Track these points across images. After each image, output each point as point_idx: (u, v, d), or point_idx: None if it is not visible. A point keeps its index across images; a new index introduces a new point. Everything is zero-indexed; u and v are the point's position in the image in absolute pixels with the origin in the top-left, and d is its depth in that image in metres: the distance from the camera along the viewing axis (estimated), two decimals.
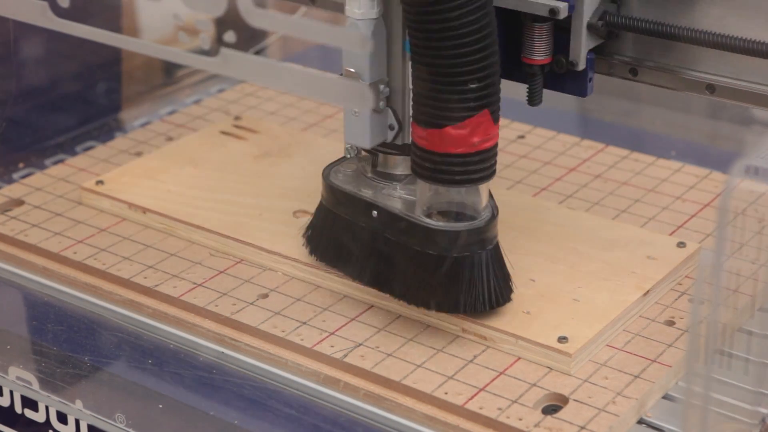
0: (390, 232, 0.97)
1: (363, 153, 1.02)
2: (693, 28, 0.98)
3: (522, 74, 1.03)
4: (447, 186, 0.94)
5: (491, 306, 0.96)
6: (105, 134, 1.34)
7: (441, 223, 0.95)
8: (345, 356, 0.96)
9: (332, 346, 0.97)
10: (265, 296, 1.03)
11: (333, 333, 0.98)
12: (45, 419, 1.02)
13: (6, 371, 1.02)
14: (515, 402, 0.91)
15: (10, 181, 1.23)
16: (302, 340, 0.98)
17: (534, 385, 0.93)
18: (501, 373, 0.94)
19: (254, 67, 0.86)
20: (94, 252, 1.09)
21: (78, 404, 0.99)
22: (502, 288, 0.97)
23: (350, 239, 1.00)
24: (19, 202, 1.17)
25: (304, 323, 1.00)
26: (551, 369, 0.94)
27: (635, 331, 0.99)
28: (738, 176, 0.78)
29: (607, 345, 0.97)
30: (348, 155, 1.04)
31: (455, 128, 0.91)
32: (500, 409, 0.90)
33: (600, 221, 1.11)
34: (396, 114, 0.97)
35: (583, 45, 1.00)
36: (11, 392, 1.03)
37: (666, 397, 0.94)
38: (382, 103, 0.97)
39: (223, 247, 1.09)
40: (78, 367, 1.00)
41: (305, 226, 1.05)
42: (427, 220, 0.95)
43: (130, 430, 0.96)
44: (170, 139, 1.29)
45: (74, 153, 1.30)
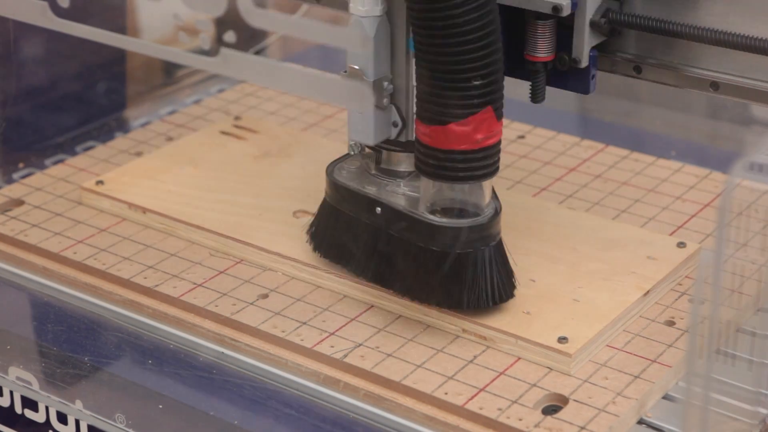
0: (393, 229, 0.97)
1: (367, 150, 1.02)
2: (696, 26, 0.98)
3: (525, 71, 1.03)
4: (450, 183, 0.94)
5: (494, 302, 0.96)
6: (105, 134, 1.34)
7: (444, 220, 0.95)
8: (345, 356, 0.96)
9: (332, 347, 0.97)
10: (265, 296, 1.03)
11: (333, 333, 0.98)
12: (45, 419, 1.02)
13: (6, 371, 1.02)
14: (515, 402, 0.91)
15: (10, 181, 1.23)
16: (302, 340, 0.98)
17: (534, 386, 0.93)
18: (501, 374, 0.94)
19: (254, 67, 0.86)
20: (94, 252, 1.09)
21: (78, 404, 0.99)
22: (506, 284, 0.97)
23: (354, 236, 1.00)
24: (19, 202, 1.17)
25: (304, 323, 1.00)
26: (551, 369, 0.94)
27: (635, 332, 0.99)
28: (738, 176, 0.78)
29: (607, 345, 0.97)
30: (352, 152, 1.04)
31: (459, 125, 0.91)
32: (500, 410, 0.90)
33: (600, 221, 1.11)
34: (400, 111, 0.97)
35: (586, 42, 1.00)
36: (11, 392, 1.03)
37: (666, 397, 0.94)
38: (386, 100, 0.97)
39: (223, 247, 1.09)
40: (78, 367, 1.00)
41: (309, 223, 1.05)
42: (431, 217, 0.95)
43: (130, 430, 0.96)
44: (170, 139, 1.29)
45: (74, 153, 1.30)
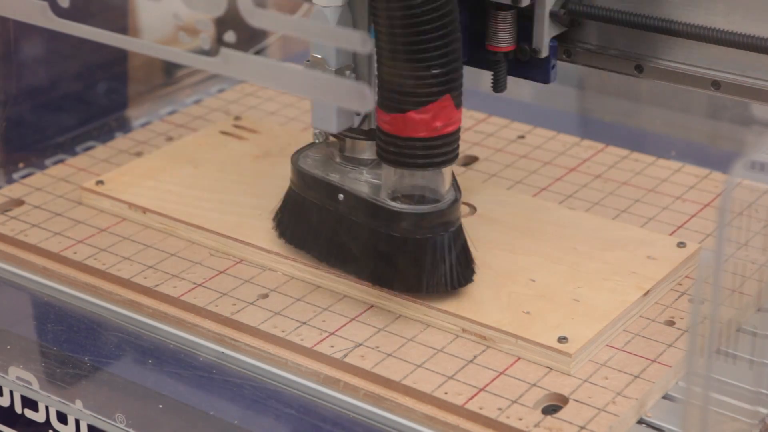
0: (356, 215, 0.99)
1: (331, 138, 1.04)
2: (656, 17, 0.99)
3: (486, 62, 1.05)
4: (410, 169, 0.96)
5: (452, 287, 0.98)
6: (105, 134, 1.34)
7: (405, 206, 0.97)
8: (345, 356, 0.96)
9: (332, 346, 0.97)
10: (265, 296, 1.03)
11: (333, 333, 0.98)
12: (45, 419, 1.02)
13: (6, 371, 1.02)
14: (515, 402, 0.91)
15: (10, 181, 1.23)
16: (302, 340, 0.98)
17: (534, 385, 0.93)
18: (501, 373, 0.94)
19: (254, 67, 0.86)
20: (94, 252, 1.09)
21: (78, 404, 0.99)
22: (465, 270, 0.99)
23: (317, 222, 1.02)
24: (19, 202, 1.17)
25: (304, 323, 1.00)
26: (551, 369, 0.94)
27: (635, 331, 0.99)
28: (738, 176, 0.78)
29: (607, 345, 0.97)
30: (316, 140, 1.05)
31: (418, 113, 0.93)
32: (500, 409, 0.90)
33: (600, 221, 1.11)
34: None
35: (546, 33, 1.03)
36: (11, 392, 1.03)
37: (666, 397, 0.94)
38: None
39: (223, 247, 1.08)
40: (78, 367, 1.00)
41: (275, 210, 1.07)
42: (392, 203, 0.97)
43: (130, 430, 0.96)
44: (170, 139, 1.29)
45: (74, 153, 1.30)
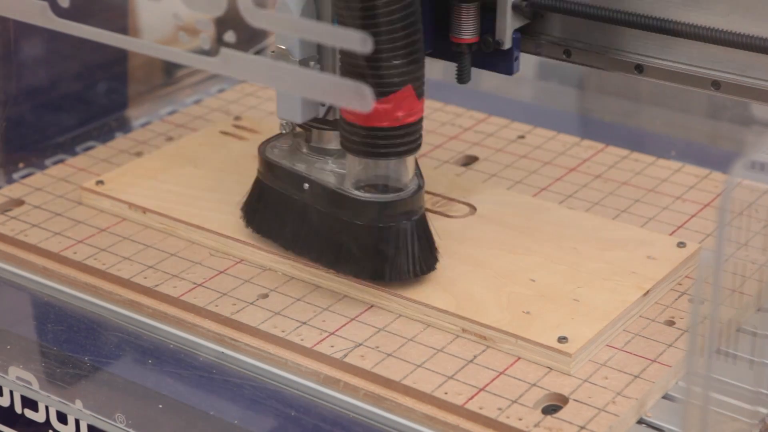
0: (320, 204, 1.00)
1: (298, 129, 1.05)
2: (617, 9, 1.00)
3: (451, 53, 1.06)
4: (373, 159, 0.98)
5: (415, 275, 0.99)
6: (105, 134, 1.34)
7: (368, 195, 0.98)
8: (345, 356, 0.96)
9: (332, 346, 0.97)
10: (265, 296, 1.03)
11: (333, 333, 0.98)
12: (45, 419, 1.02)
13: (6, 371, 1.02)
14: (515, 402, 0.91)
15: (10, 181, 1.23)
16: (302, 340, 0.98)
17: (534, 385, 0.93)
18: (501, 373, 0.94)
19: (254, 67, 0.86)
20: (94, 252, 1.09)
21: (78, 404, 0.99)
22: (428, 257, 1.00)
23: (284, 211, 1.03)
24: (19, 202, 1.17)
25: (304, 323, 1.00)
26: (551, 369, 0.94)
27: (635, 331, 0.99)
28: (738, 176, 0.78)
29: (607, 345, 0.97)
30: (283, 131, 1.06)
31: (380, 103, 0.94)
32: (500, 409, 0.90)
33: (600, 221, 1.11)
34: None
35: (509, 25, 1.04)
36: (11, 392, 1.03)
37: (666, 397, 0.94)
38: None
39: (223, 247, 1.08)
40: (78, 367, 1.00)
41: (243, 200, 1.08)
42: (355, 192, 0.99)
43: (130, 430, 0.96)
44: (170, 139, 1.29)
45: (74, 153, 1.30)
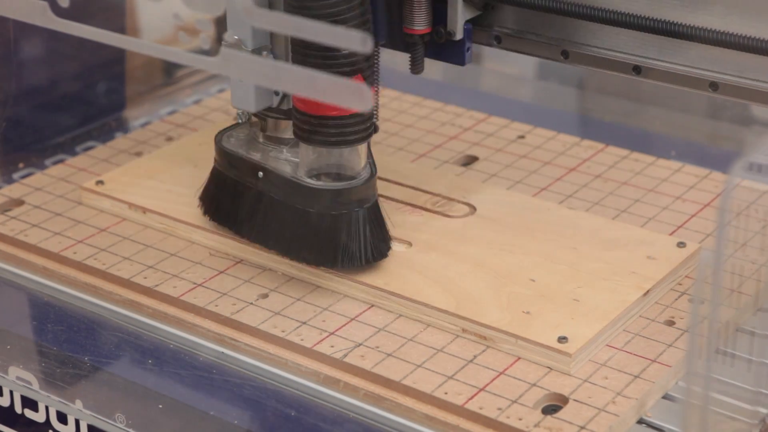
0: (275, 192, 1.01)
1: (254, 119, 1.06)
2: (568, 1, 1.01)
3: (404, 44, 1.07)
4: (324, 147, 0.99)
5: (367, 261, 1.01)
6: (105, 134, 1.34)
7: (320, 183, 1.00)
8: (345, 356, 0.96)
9: (332, 346, 0.97)
10: (265, 296, 1.03)
11: (333, 333, 0.98)
12: (45, 419, 1.02)
13: (6, 371, 1.02)
14: (515, 402, 0.91)
15: (10, 181, 1.23)
16: (302, 340, 0.98)
17: (534, 385, 0.93)
18: (501, 373, 0.94)
19: (254, 67, 0.86)
20: (94, 252, 1.09)
21: (78, 404, 0.99)
22: (380, 245, 1.01)
23: (239, 200, 1.05)
24: (19, 202, 1.17)
25: (304, 323, 1.00)
26: (551, 369, 0.94)
27: (635, 331, 0.99)
28: (738, 176, 0.78)
29: (607, 345, 0.97)
30: (239, 120, 1.07)
31: None
32: (500, 409, 0.90)
33: (600, 221, 1.11)
34: None
35: (460, 16, 1.05)
36: (11, 392, 1.03)
37: (666, 397, 0.94)
38: None
39: (223, 247, 1.08)
40: (78, 367, 1.00)
41: (200, 189, 1.09)
42: (308, 180, 1.00)
43: (130, 430, 0.96)
44: (170, 139, 1.29)
45: (74, 153, 1.30)
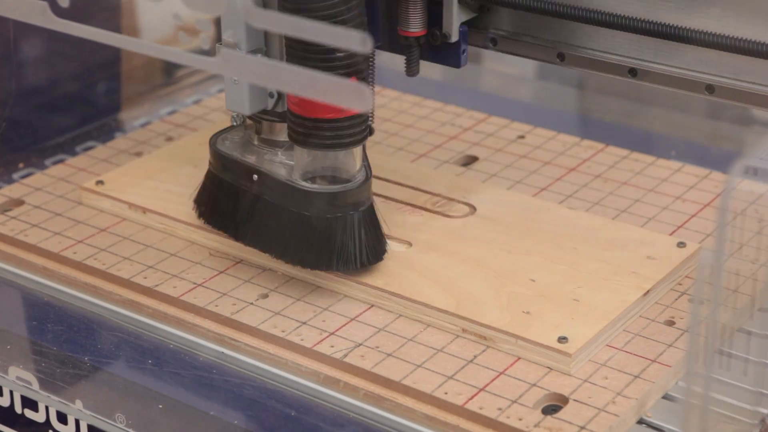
0: (269, 195, 1.01)
1: (249, 121, 1.06)
2: (563, 3, 1.01)
3: (399, 46, 1.07)
4: (318, 150, 0.99)
5: (362, 265, 1.00)
6: (105, 134, 1.34)
7: (315, 186, 0.99)
8: (345, 356, 0.96)
9: (332, 346, 0.97)
10: (265, 296, 1.03)
11: (333, 333, 0.98)
12: (45, 419, 1.02)
13: (6, 371, 1.02)
14: (515, 402, 0.91)
15: (10, 181, 1.23)
16: (302, 340, 0.98)
17: (534, 385, 0.93)
18: (501, 373, 0.94)
19: (254, 67, 0.86)
20: (94, 252, 1.09)
21: (78, 404, 0.99)
22: (375, 248, 1.01)
23: (233, 203, 1.04)
24: (19, 202, 1.17)
25: (304, 323, 1.00)
26: (551, 369, 0.94)
27: (635, 331, 0.99)
28: (738, 176, 0.78)
29: (607, 345, 0.97)
30: (234, 123, 1.07)
31: None
32: (500, 409, 0.90)
33: (600, 221, 1.11)
34: None
35: (455, 18, 1.05)
36: (11, 392, 1.03)
37: (666, 397, 0.94)
38: None
39: (223, 247, 1.08)
40: (78, 367, 1.00)
41: (195, 192, 1.09)
42: (303, 183, 0.99)
43: (130, 430, 0.96)
44: (170, 139, 1.29)
45: (74, 153, 1.30)
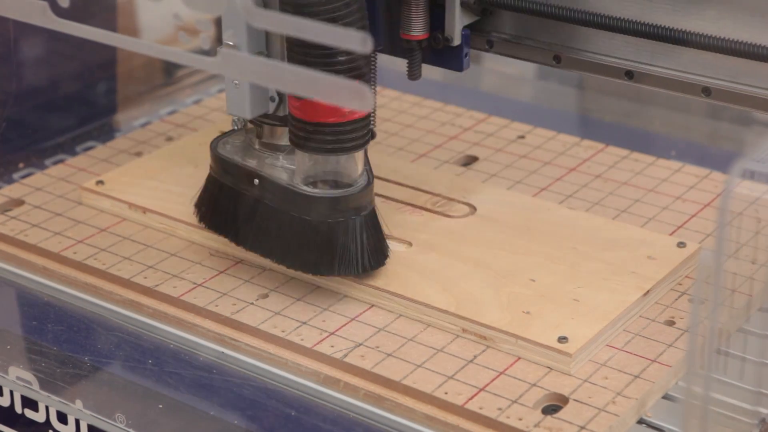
0: (270, 200, 1.00)
1: (249, 125, 1.06)
2: (567, 7, 1.01)
3: (401, 50, 1.07)
4: (320, 154, 0.98)
5: (364, 270, 1.00)
6: (105, 134, 1.34)
7: (317, 191, 0.99)
8: (345, 356, 0.96)
9: (332, 346, 0.97)
10: (265, 296, 1.03)
11: (333, 333, 0.98)
12: (45, 419, 1.02)
13: (6, 371, 1.02)
14: (515, 402, 0.91)
15: (10, 181, 1.23)
16: (302, 340, 0.98)
17: (534, 385, 0.93)
18: (501, 373, 0.94)
19: (254, 67, 0.86)
20: (94, 252, 1.09)
21: (78, 404, 0.99)
22: (377, 253, 1.01)
23: (234, 207, 1.04)
24: (19, 202, 1.17)
25: (304, 323, 1.00)
26: (551, 369, 0.94)
27: (635, 331, 0.99)
28: (738, 176, 0.78)
29: (607, 345, 0.97)
30: (235, 127, 1.07)
31: None
32: (500, 409, 0.90)
33: (600, 221, 1.11)
34: None
35: (457, 21, 1.05)
36: (11, 392, 1.03)
37: (666, 397, 0.94)
38: None
39: (223, 247, 1.08)
40: (78, 367, 1.00)
41: (196, 196, 1.08)
42: (304, 188, 0.99)
43: (130, 430, 0.96)
44: (170, 139, 1.29)
45: (74, 153, 1.30)
